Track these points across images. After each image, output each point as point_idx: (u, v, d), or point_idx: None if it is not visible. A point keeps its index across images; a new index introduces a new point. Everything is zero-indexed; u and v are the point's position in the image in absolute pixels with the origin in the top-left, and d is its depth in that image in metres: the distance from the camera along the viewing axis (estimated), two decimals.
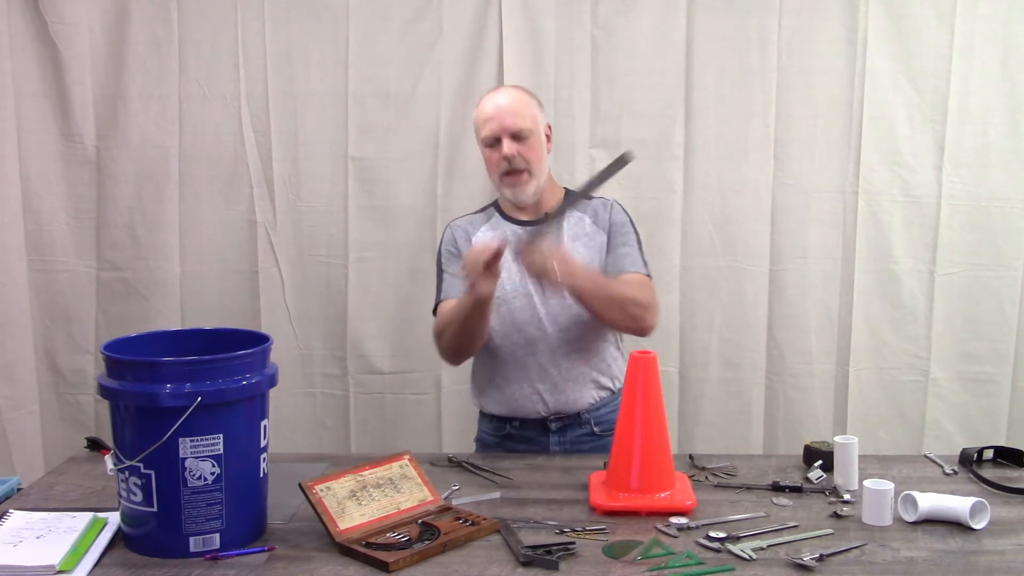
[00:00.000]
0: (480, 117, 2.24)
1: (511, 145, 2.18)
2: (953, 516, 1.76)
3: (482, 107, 2.25)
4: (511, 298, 2.21)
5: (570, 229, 2.25)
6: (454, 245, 2.31)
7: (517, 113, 2.20)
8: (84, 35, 2.85)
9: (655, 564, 1.61)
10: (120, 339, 1.85)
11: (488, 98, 2.26)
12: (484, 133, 2.22)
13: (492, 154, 2.22)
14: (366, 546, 1.66)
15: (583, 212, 2.28)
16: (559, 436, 2.27)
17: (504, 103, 2.21)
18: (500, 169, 2.21)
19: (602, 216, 2.28)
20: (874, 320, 2.94)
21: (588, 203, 2.28)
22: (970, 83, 2.84)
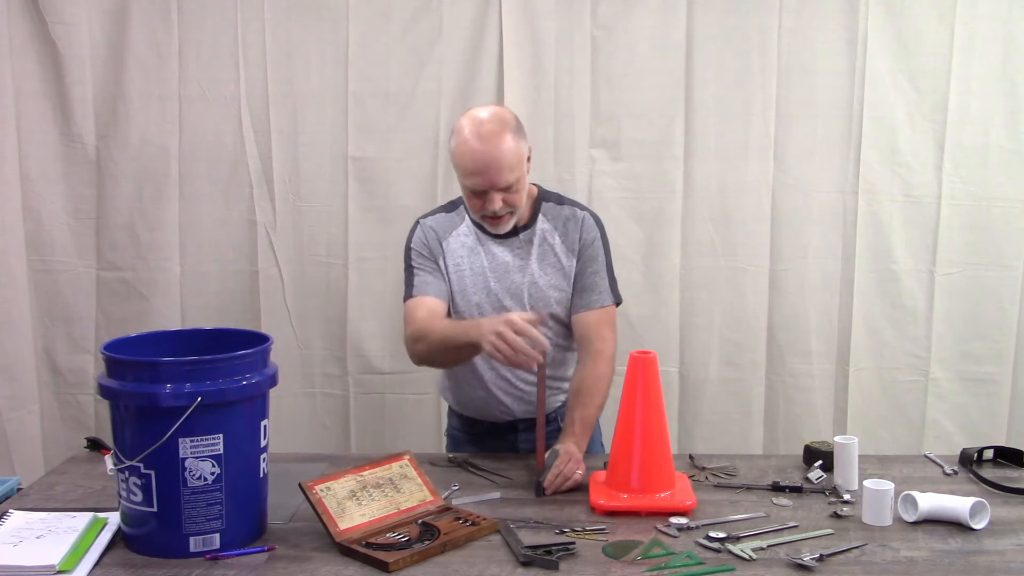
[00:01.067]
0: (462, 164, 2.06)
1: (498, 198, 2.06)
2: (953, 516, 1.77)
3: (466, 151, 2.04)
4: (479, 313, 2.17)
5: (540, 246, 2.18)
6: (425, 247, 2.21)
7: (508, 168, 2.03)
8: (84, 35, 2.85)
9: (655, 564, 1.61)
10: (120, 339, 1.85)
11: (474, 140, 2.03)
12: (468, 184, 2.07)
13: (474, 199, 2.09)
14: (366, 546, 1.66)
15: (553, 225, 2.18)
16: (527, 434, 2.25)
17: (491, 156, 2.01)
18: (482, 213, 2.11)
19: (572, 235, 2.17)
20: (874, 320, 2.94)
21: (559, 211, 2.20)
22: (970, 83, 2.84)
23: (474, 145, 2.03)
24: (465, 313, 2.18)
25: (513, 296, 2.17)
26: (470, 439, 2.33)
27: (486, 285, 2.17)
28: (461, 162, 2.07)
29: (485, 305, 2.17)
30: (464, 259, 2.19)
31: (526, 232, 2.19)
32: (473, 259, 2.19)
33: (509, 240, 2.18)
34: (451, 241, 2.21)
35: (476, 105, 2.84)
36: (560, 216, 2.20)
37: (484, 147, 2.03)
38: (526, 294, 2.17)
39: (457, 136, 2.08)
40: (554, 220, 2.20)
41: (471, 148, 2.03)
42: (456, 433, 2.37)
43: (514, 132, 2.07)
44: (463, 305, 2.18)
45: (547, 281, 2.17)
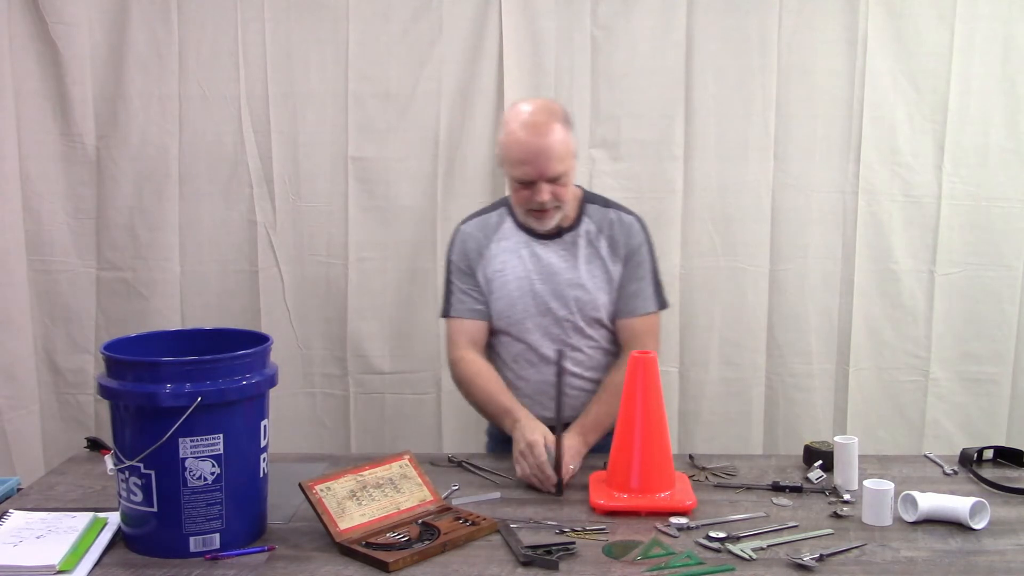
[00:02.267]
0: (511, 154, 2.05)
1: (547, 190, 2.05)
2: (953, 516, 1.77)
3: (514, 140, 2.04)
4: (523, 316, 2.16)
5: (586, 248, 2.17)
6: (464, 259, 2.21)
7: (557, 158, 2.03)
8: (84, 35, 2.85)
9: (655, 564, 1.61)
10: (120, 339, 1.84)
11: (523, 131, 2.04)
12: (516, 174, 2.06)
13: (523, 191, 2.08)
14: (366, 546, 1.66)
15: (599, 228, 2.18)
16: None
17: (543, 146, 2.01)
18: (529, 206, 2.10)
19: (618, 239, 2.17)
20: (874, 320, 2.95)
21: (605, 214, 2.19)
22: (970, 83, 2.84)
23: (524, 134, 2.03)
24: (509, 316, 2.17)
25: (559, 299, 2.16)
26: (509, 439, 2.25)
27: (531, 288, 2.16)
28: (510, 152, 2.06)
29: (531, 308, 2.16)
30: (508, 262, 2.18)
31: (571, 233, 2.18)
32: (517, 262, 2.18)
33: (554, 241, 2.17)
34: (494, 245, 2.20)
35: (477, 105, 2.89)
36: (606, 219, 2.19)
37: (534, 136, 2.03)
38: (572, 297, 2.16)
39: (506, 127, 2.08)
40: (599, 222, 2.19)
41: (520, 137, 2.04)
42: (496, 431, 2.31)
43: (563, 123, 2.08)
44: (507, 309, 2.17)
45: (594, 284, 2.17)
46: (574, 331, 2.17)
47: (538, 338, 2.18)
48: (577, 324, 2.18)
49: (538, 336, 2.18)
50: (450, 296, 2.23)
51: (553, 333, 2.17)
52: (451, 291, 2.23)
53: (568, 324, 2.17)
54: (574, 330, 2.18)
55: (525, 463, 1.95)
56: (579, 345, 2.19)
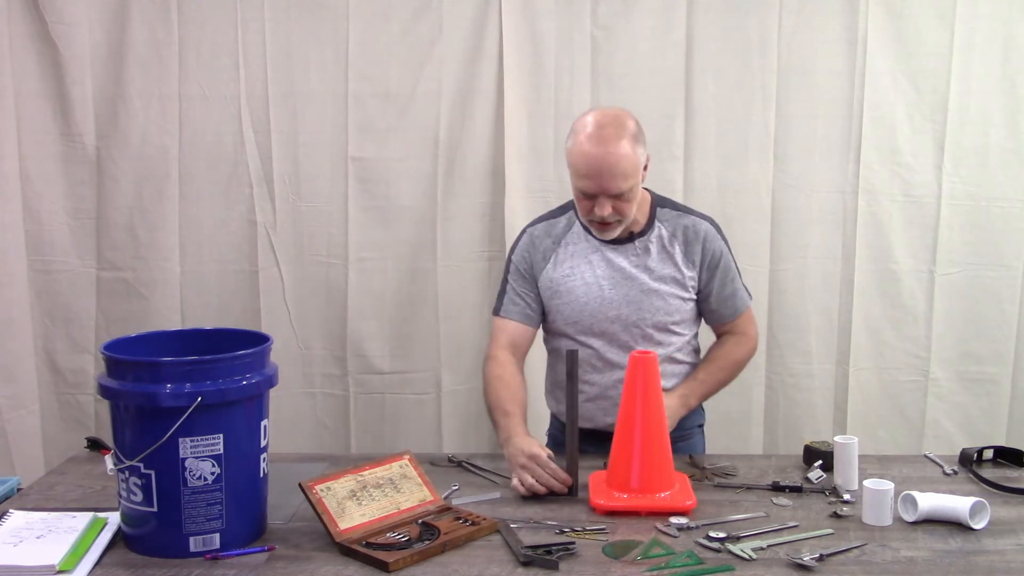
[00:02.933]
0: (577, 165, 2.01)
1: (608, 204, 2.01)
2: (953, 516, 1.77)
3: (580, 152, 2.00)
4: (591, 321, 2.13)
5: (659, 253, 2.13)
6: (526, 261, 2.19)
7: (622, 175, 1.98)
8: (84, 35, 2.84)
9: (655, 564, 1.61)
10: (120, 339, 1.85)
11: (588, 143, 1.99)
12: (580, 185, 2.02)
13: (584, 200, 2.04)
14: (366, 546, 1.66)
15: (672, 233, 2.14)
16: None
17: (606, 162, 1.97)
18: (590, 218, 2.07)
19: (693, 246, 2.14)
20: (874, 320, 2.95)
21: (679, 220, 2.16)
22: (970, 83, 2.84)
23: (589, 147, 1.98)
24: (577, 321, 2.14)
25: (630, 305, 2.13)
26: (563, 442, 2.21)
27: (601, 294, 2.13)
28: (574, 162, 2.02)
29: (599, 314, 2.13)
30: (577, 267, 2.14)
31: (642, 239, 2.14)
32: (587, 267, 2.14)
33: (625, 246, 2.14)
34: (561, 250, 2.17)
35: (477, 105, 2.88)
36: (680, 225, 2.16)
37: (599, 150, 1.98)
38: (643, 303, 2.13)
39: (574, 136, 2.03)
40: (674, 228, 2.15)
41: (586, 150, 1.99)
42: (559, 434, 2.28)
43: (632, 138, 2.02)
44: (574, 314, 2.14)
45: (667, 291, 2.14)
46: (643, 338, 2.14)
47: (605, 344, 2.14)
48: (646, 331, 2.14)
49: (604, 342, 2.14)
50: (503, 296, 2.22)
51: (621, 340, 2.14)
52: (505, 291, 2.22)
53: (637, 331, 2.14)
54: (643, 337, 2.14)
55: (530, 474, 1.90)
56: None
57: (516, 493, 1.93)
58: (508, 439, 2.00)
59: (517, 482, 1.92)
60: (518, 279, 2.20)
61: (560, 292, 2.16)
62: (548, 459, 1.92)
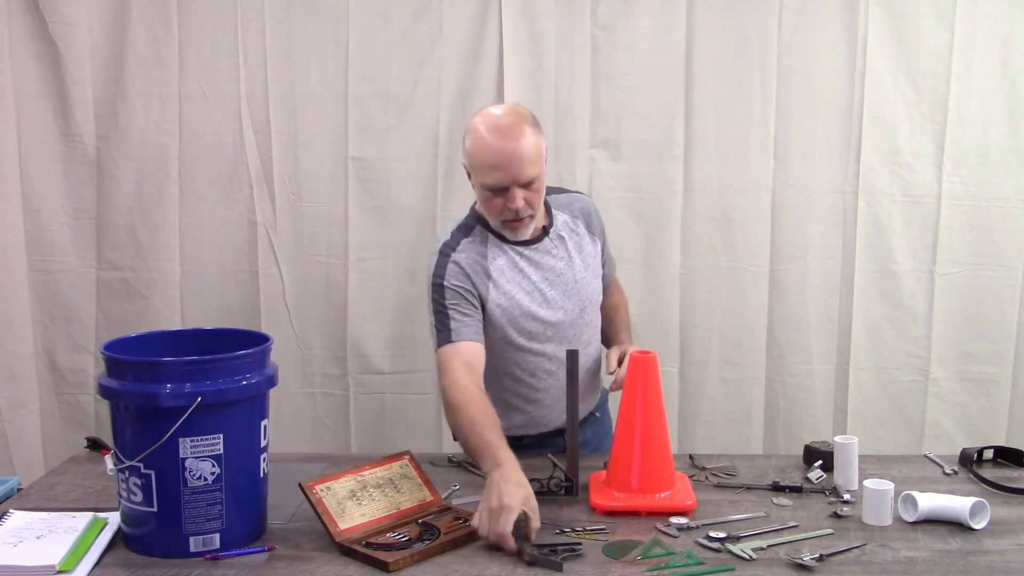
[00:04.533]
0: (482, 159, 1.97)
1: (520, 195, 1.97)
2: (953, 516, 1.77)
3: (483, 146, 1.96)
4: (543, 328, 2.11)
5: (571, 239, 2.16)
6: (466, 281, 2.05)
7: (530, 161, 1.95)
8: (84, 35, 2.84)
9: (655, 564, 1.62)
10: (120, 339, 1.85)
11: (490, 136, 1.96)
12: (488, 181, 1.97)
13: (495, 199, 2.00)
14: (366, 546, 1.66)
15: (573, 215, 2.18)
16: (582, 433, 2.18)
17: (512, 149, 1.94)
18: (503, 216, 2.02)
19: (592, 219, 2.21)
20: (874, 320, 2.94)
21: (566, 200, 2.19)
22: (970, 83, 2.84)
23: (493, 139, 1.96)
24: (530, 332, 2.10)
25: (570, 296, 2.13)
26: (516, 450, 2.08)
27: (543, 297, 2.11)
28: (479, 158, 1.98)
29: (549, 317, 2.11)
30: (513, 279, 2.09)
31: (553, 229, 2.15)
32: (521, 277, 2.10)
33: (543, 243, 2.13)
34: (494, 266, 2.08)
35: (477, 105, 2.87)
36: (570, 205, 2.20)
37: (504, 140, 1.95)
38: (580, 293, 2.15)
39: (473, 134, 2.00)
40: (568, 209, 2.19)
41: (489, 143, 1.96)
42: None
43: (532, 126, 2.00)
44: (528, 324, 2.10)
45: (591, 273, 2.18)
46: (585, 326, 2.17)
47: (554, 346, 2.12)
48: (586, 318, 2.17)
49: (555, 344, 2.12)
50: (448, 322, 2.03)
51: (568, 335, 2.14)
52: (449, 317, 2.03)
53: (580, 320, 2.16)
54: (585, 325, 2.17)
55: (487, 523, 1.69)
56: (590, 338, 2.20)
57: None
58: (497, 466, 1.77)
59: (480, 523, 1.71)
60: (460, 302, 2.04)
61: (508, 309, 2.08)
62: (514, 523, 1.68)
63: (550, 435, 2.22)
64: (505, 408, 2.14)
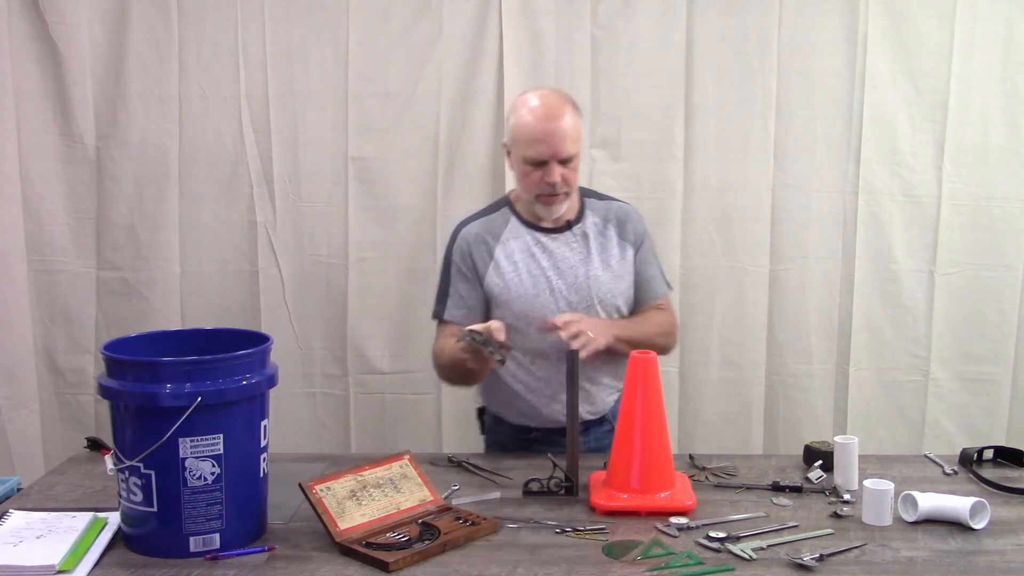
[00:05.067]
0: (525, 133, 2.07)
1: (558, 171, 2.06)
2: (953, 516, 1.77)
3: (528, 121, 2.07)
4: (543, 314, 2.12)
5: (596, 239, 2.18)
6: (469, 263, 2.18)
7: (569, 138, 2.06)
8: (84, 35, 2.85)
9: (655, 564, 1.61)
10: (120, 339, 1.85)
11: (536, 112, 2.07)
12: (530, 153, 2.06)
13: (534, 173, 2.08)
14: (366, 546, 1.66)
15: (606, 219, 2.21)
16: (583, 437, 2.21)
17: (557, 126, 2.05)
18: (539, 190, 2.10)
19: (626, 227, 2.22)
20: (874, 320, 2.95)
21: (605, 206, 2.23)
22: (970, 83, 2.84)
23: (537, 114, 2.07)
24: (528, 314, 2.13)
25: (579, 292, 2.15)
26: (522, 445, 2.25)
27: (548, 284, 2.15)
28: (523, 133, 2.08)
29: (550, 304, 2.14)
30: (521, 261, 2.16)
31: (578, 225, 2.19)
32: (531, 260, 2.16)
33: (563, 235, 2.18)
34: (502, 246, 2.17)
35: (478, 105, 2.89)
36: (609, 210, 2.24)
37: (547, 116, 2.07)
38: (592, 289, 2.16)
39: (518, 110, 2.11)
40: (603, 213, 2.23)
41: (535, 117, 2.07)
42: (504, 440, 2.30)
43: (574, 108, 2.13)
44: (526, 307, 2.14)
45: (612, 275, 2.19)
46: None
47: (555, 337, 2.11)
48: (598, 316, 2.16)
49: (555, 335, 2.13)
50: (446, 299, 2.20)
51: None
52: (448, 293, 2.20)
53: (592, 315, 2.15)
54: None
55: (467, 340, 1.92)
56: None
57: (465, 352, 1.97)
58: None
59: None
60: (461, 279, 2.19)
61: (509, 288, 2.15)
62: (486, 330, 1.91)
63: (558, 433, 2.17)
64: (509, 394, 2.22)
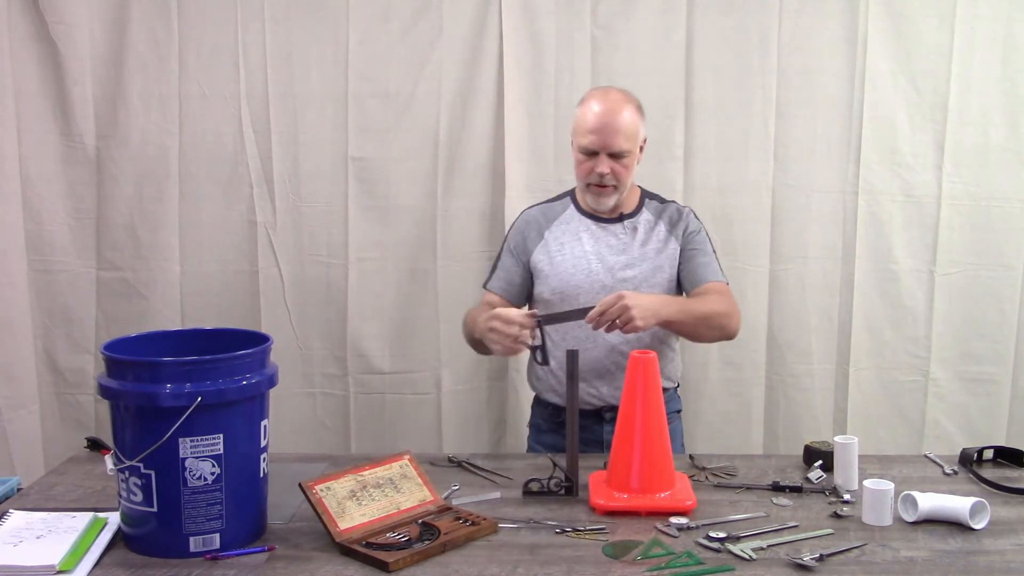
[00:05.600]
0: (583, 124, 2.18)
1: (607, 163, 2.16)
2: (953, 516, 1.77)
3: (588, 111, 2.18)
4: (577, 294, 2.22)
5: (644, 234, 2.27)
6: (520, 241, 2.32)
7: (623, 133, 2.15)
8: (84, 35, 2.84)
9: (655, 564, 1.62)
10: (120, 339, 1.85)
11: (596, 104, 2.18)
12: (583, 142, 2.17)
13: (585, 162, 2.19)
14: (366, 546, 1.66)
15: (658, 217, 2.29)
16: (612, 426, 2.21)
17: (611, 118, 2.15)
18: (589, 179, 2.20)
19: (677, 224, 2.29)
20: (874, 320, 2.95)
21: (663, 207, 2.32)
22: (970, 83, 2.84)
23: (598, 105, 2.17)
24: (563, 291, 2.23)
25: (614, 277, 2.23)
26: (554, 427, 2.32)
27: (587, 267, 2.23)
28: (581, 122, 2.18)
29: (585, 285, 2.22)
30: (567, 243, 2.27)
31: (631, 220, 2.28)
32: (576, 242, 2.26)
33: (614, 225, 2.28)
34: (555, 228, 2.30)
35: (477, 105, 2.89)
36: (664, 210, 2.33)
37: (606, 108, 2.16)
38: (627, 277, 2.23)
39: (583, 102, 2.22)
40: (658, 213, 2.32)
41: (594, 107, 2.17)
42: (540, 422, 2.38)
43: (636, 108, 2.22)
44: (561, 284, 2.24)
45: (649, 266, 2.24)
46: None
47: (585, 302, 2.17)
48: None
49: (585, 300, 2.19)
50: (494, 270, 2.37)
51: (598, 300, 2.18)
52: (497, 266, 2.37)
53: None
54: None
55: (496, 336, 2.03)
56: None
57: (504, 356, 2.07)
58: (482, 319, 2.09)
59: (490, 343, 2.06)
60: (510, 256, 2.34)
61: (552, 262, 2.27)
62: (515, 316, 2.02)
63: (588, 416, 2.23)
64: (546, 372, 2.30)
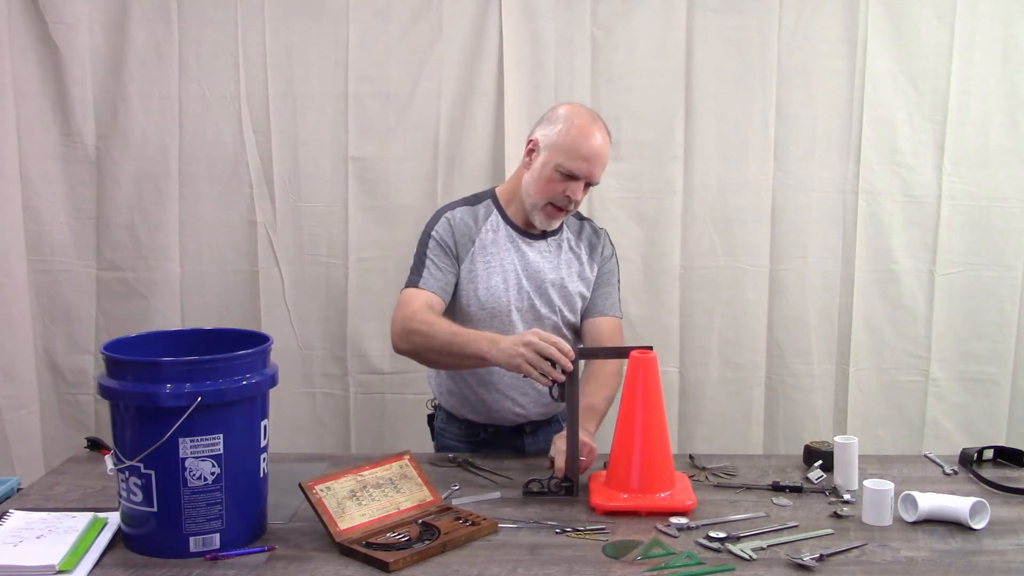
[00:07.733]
0: (576, 148, 2.09)
1: (582, 191, 2.14)
2: (953, 516, 1.77)
3: (585, 138, 2.10)
4: (507, 310, 2.18)
5: (567, 253, 2.25)
6: (449, 238, 2.18)
7: (603, 168, 2.16)
8: (84, 35, 2.84)
9: (655, 564, 1.62)
10: (120, 339, 1.85)
11: (596, 134, 2.12)
12: (571, 166, 2.09)
13: (560, 183, 2.11)
14: (366, 546, 1.66)
15: (577, 236, 2.28)
16: (532, 438, 2.31)
17: (604, 151, 2.13)
18: (554, 200, 2.13)
19: (596, 247, 2.28)
20: (874, 320, 2.95)
21: (580, 225, 2.30)
22: (970, 83, 2.84)
23: (594, 134, 2.12)
24: (493, 306, 2.18)
25: (542, 297, 2.21)
26: (470, 447, 2.30)
27: (518, 283, 2.20)
28: (575, 145, 2.10)
29: (516, 301, 2.19)
30: (496, 254, 2.21)
31: (555, 237, 2.26)
32: (506, 255, 2.21)
33: (538, 242, 2.24)
34: (484, 235, 2.22)
35: (478, 105, 2.88)
36: (583, 229, 2.30)
37: (601, 140, 2.13)
38: (556, 297, 2.21)
39: (570, 121, 2.12)
40: (577, 230, 2.30)
41: (590, 137, 2.11)
42: (455, 444, 2.33)
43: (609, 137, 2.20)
44: (491, 299, 2.18)
45: (575, 288, 2.24)
46: (553, 330, 2.17)
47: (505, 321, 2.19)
48: (557, 324, 2.22)
49: (520, 331, 2.16)
50: (422, 269, 2.17)
51: (528, 321, 2.19)
52: (424, 265, 2.17)
53: (549, 323, 2.21)
54: (553, 329, 2.19)
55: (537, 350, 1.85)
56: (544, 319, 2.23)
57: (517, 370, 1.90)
58: (493, 338, 1.96)
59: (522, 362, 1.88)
60: (440, 254, 2.18)
61: (479, 275, 2.19)
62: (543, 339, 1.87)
63: (508, 433, 2.28)
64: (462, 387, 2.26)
